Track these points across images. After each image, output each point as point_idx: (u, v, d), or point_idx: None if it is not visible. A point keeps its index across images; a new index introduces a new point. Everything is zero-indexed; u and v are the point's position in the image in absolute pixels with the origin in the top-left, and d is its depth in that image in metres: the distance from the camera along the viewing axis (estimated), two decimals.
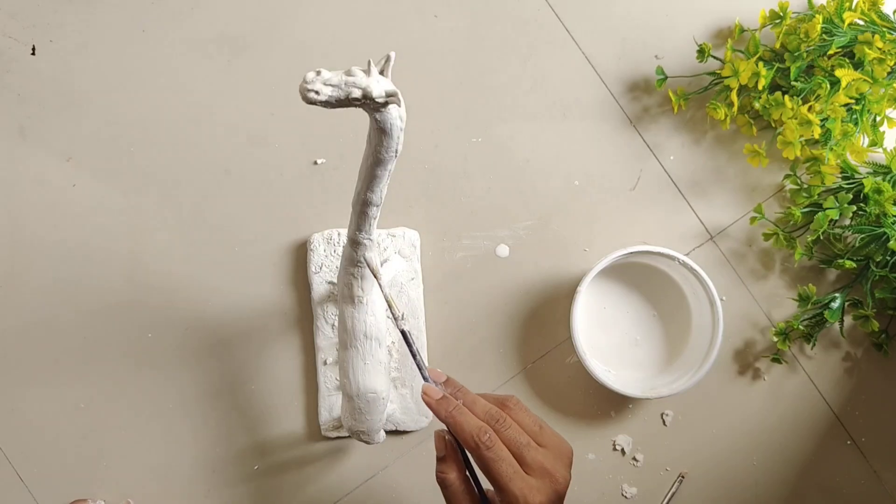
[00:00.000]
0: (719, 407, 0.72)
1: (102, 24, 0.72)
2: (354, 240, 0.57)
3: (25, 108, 0.71)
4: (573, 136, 0.72)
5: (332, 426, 0.70)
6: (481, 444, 0.50)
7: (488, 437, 0.50)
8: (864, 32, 0.66)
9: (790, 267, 0.72)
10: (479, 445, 0.50)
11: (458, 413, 0.52)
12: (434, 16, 0.72)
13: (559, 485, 0.51)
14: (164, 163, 0.71)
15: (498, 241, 0.72)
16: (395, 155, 0.51)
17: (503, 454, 0.50)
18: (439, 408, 0.52)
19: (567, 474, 0.52)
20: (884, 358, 0.72)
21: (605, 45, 0.73)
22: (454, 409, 0.52)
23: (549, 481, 0.50)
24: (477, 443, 0.50)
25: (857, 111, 0.67)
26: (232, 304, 0.71)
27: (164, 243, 0.71)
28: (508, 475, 0.50)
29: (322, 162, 0.72)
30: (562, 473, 0.51)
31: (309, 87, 0.45)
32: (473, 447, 0.50)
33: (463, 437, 0.51)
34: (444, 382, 0.55)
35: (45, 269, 0.71)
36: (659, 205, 0.72)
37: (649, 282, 0.71)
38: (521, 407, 0.54)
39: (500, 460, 0.50)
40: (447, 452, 0.53)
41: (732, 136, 0.72)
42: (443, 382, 0.55)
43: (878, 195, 0.66)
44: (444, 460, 0.53)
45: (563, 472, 0.52)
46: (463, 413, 0.52)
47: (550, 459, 0.51)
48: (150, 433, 0.70)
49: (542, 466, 0.51)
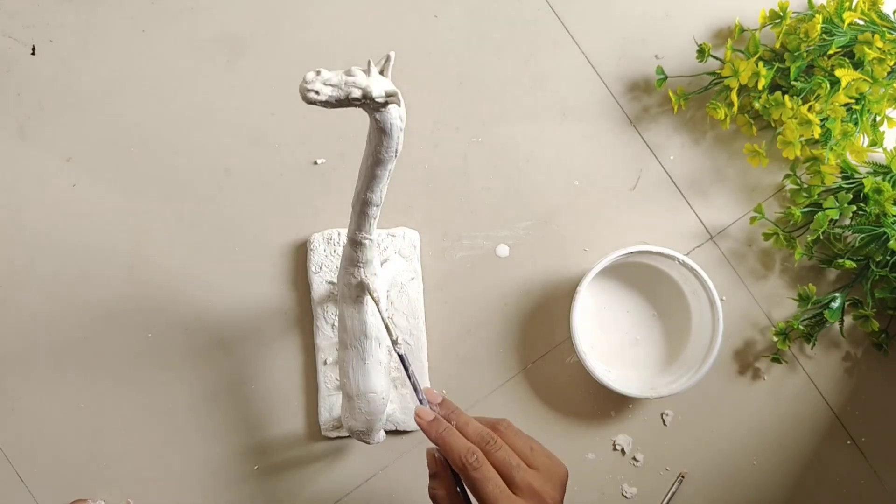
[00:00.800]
0: (719, 407, 0.72)
1: (102, 24, 0.72)
2: (354, 240, 0.57)
3: (25, 108, 0.71)
4: (573, 136, 0.72)
5: (332, 426, 0.70)
6: (468, 465, 0.52)
7: (475, 458, 0.52)
8: (864, 32, 0.66)
9: (790, 267, 0.72)
10: (466, 466, 0.52)
11: (448, 434, 0.53)
12: (434, 16, 0.73)
13: None
14: (164, 163, 0.71)
15: (498, 240, 0.72)
16: (395, 155, 0.51)
17: (490, 475, 0.52)
18: (430, 429, 0.54)
19: (557, 495, 0.53)
20: (884, 358, 0.72)
21: (605, 45, 0.73)
22: (444, 431, 0.54)
23: (536, 501, 0.51)
24: (465, 463, 0.52)
25: (857, 111, 0.67)
26: (232, 304, 0.71)
27: (163, 243, 0.71)
28: (495, 495, 0.51)
29: (322, 162, 0.72)
30: (551, 495, 0.52)
31: (309, 87, 0.45)
32: (461, 468, 0.52)
33: (451, 457, 0.53)
34: (440, 403, 0.56)
35: (45, 270, 0.71)
36: (659, 205, 0.72)
37: (649, 282, 0.71)
38: (513, 430, 0.56)
39: (486, 481, 0.51)
40: (437, 470, 0.55)
41: (732, 136, 0.72)
42: (438, 403, 0.56)
43: (878, 195, 0.66)
44: (436, 477, 0.55)
45: (553, 493, 0.53)
46: (452, 434, 0.53)
47: (540, 481, 0.52)
48: (150, 433, 0.70)
49: (531, 487, 0.52)
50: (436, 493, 0.55)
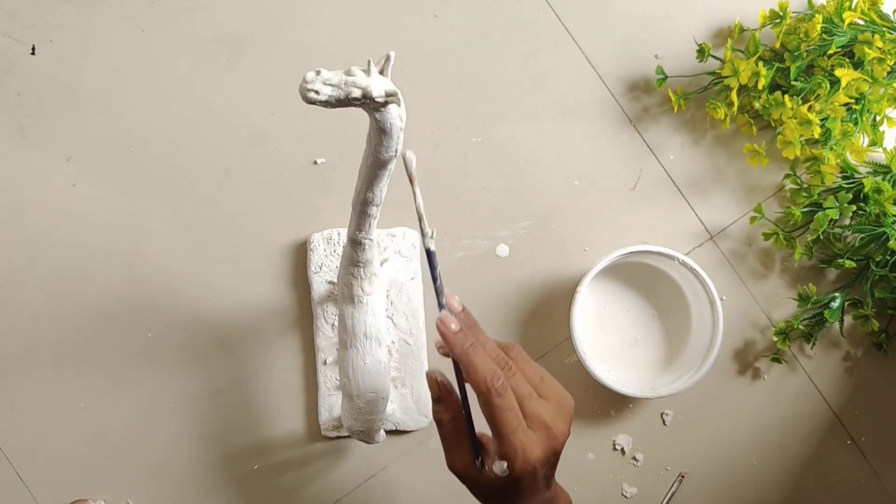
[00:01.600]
0: (719, 407, 0.72)
1: (102, 24, 0.72)
2: (354, 239, 0.57)
3: (25, 108, 0.71)
4: (573, 136, 0.72)
5: (332, 426, 0.70)
6: (493, 390, 0.48)
7: (501, 383, 0.48)
8: (863, 32, 0.66)
9: (790, 267, 0.72)
10: (490, 391, 0.48)
11: (474, 352, 0.49)
12: (434, 16, 0.73)
13: (557, 441, 0.50)
14: (164, 163, 0.71)
15: (498, 240, 0.72)
16: (395, 155, 0.51)
17: (512, 403, 0.48)
18: (455, 342, 0.49)
19: (565, 429, 0.50)
20: (884, 358, 0.72)
21: (605, 45, 0.73)
22: (470, 347, 0.49)
23: (547, 435, 0.49)
24: (489, 388, 0.48)
25: (857, 111, 0.67)
26: (232, 303, 0.71)
27: (164, 243, 0.71)
28: (513, 426, 0.48)
29: (322, 162, 0.72)
30: (560, 429, 0.50)
31: (309, 87, 0.45)
32: (485, 391, 0.48)
33: (475, 378, 0.48)
34: (460, 313, 0.51)
35: (45, 270, 0.71)
36: (659, 205, 0.72)
37: (649, 281, 0.71)
38: (524, 356, 0.52)
39: (507, 409, 0.48)
40: (441, 394, 0.51)
41: (732, 135, 0.72)
42: (459, 312, 0.51)
43: (878, 195, 0.66)
44: (440, 401, 0.51)
45: (562, 427, 0.50)
46: (478, 352, 0.49)
47: (550, 413, 0.50)
48: (150, 433, 0.70)
49: (542, 420, 0.49)
50: (441, 417, 0.51)
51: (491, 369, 0.48)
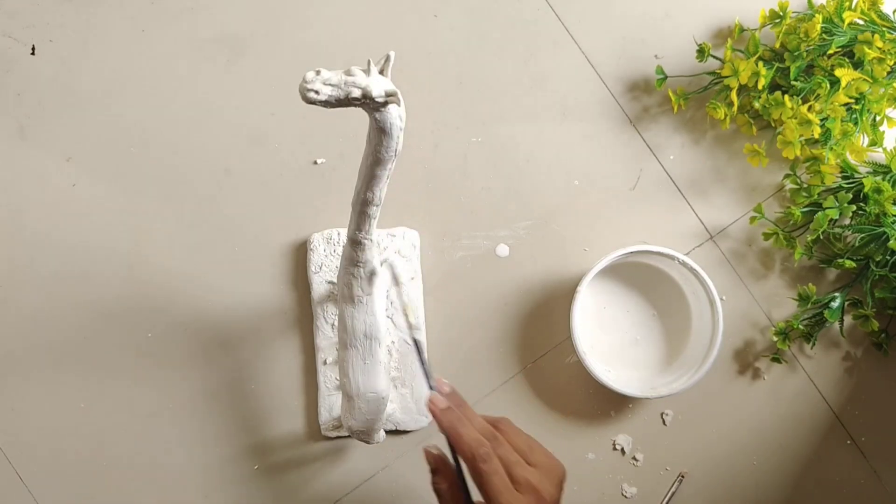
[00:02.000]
0: (719, 407, 0.72)
1: (102, 24, 0.72)
2: (354, 239, 0.57)
3: (25, 108, 0.71)
4: (573, 136, 0.72)
5: (332, 426, 0.70)
6: (478, 457, 0.52)
7: (485, 451, 0.52)
8: (863, 32, 0.66)
9: (790, 267, 0.72)
10: (476, 457, 0.52)
11: (461, 425, 0.54)
12: (434, 16, 0.73)
13: (545, 502, 0.53)
14: (164, 163, 0.71)
15: (498, 240, 0.72)
16: (394, 155, 0.51)
17: (497, 468, 0.52)
18: (443, 417, 0.54)
19: (555, 493, 0.54)
20: (884, 357, 0.72)
21: (605, 45, 0.73)
22: (456, 420, 0.54)
23: (536, 498, 0.52)
24: (474, 454, 0.52)
25: (857, 111, 0.67)
26: (232, 303, 0.71)
27: (164, 243, 0.71)
28: (499, 489, 0.52)
29: (322, 162, 0.72)
30: (549, 491, 0.53)
31: (309, 87, 0.45)
32: (470, 458, 0.52)
33: (461, 447, 0.53)
34: (448, 394, 0.57)
35: (45, 270, 0.71)
36: (659, 205, 0.72)
37: (649, 281, 0.71)
38: (513, 428, 0.57)
39: (493, 474, 0.52)
40: (437, 466, 0.56)
41: (732, 135, 0.72)
42: (447, 394, 0.56)
43: (878, 195, 0.66)
44: (437, 472, 0.56)
45: (551, 490, 0.54)
46: (465, 426, 0.54)
47: (538, 477, 0.53)
48: (151, 433, 0.70)
49: (529, 483, 0.53)
50: (439, 487, 0.55)
51: (476, 438, 0.53)
